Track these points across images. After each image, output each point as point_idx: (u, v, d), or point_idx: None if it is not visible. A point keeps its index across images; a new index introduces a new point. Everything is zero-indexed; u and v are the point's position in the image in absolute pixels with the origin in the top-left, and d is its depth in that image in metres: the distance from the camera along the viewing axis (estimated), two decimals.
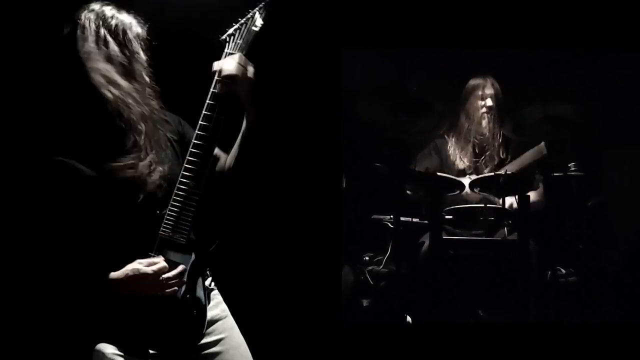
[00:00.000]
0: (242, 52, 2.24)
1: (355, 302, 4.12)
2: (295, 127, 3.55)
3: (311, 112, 3.63)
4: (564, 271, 4.09)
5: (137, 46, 2.27)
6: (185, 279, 2.19)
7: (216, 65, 2.23)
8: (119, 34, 2.23)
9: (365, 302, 4.13)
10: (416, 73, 4.61)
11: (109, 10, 2.25)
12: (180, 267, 2.17)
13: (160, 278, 2.13)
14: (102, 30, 2.20)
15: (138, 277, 2.11)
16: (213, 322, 2.30)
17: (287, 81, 3.44)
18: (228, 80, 2.20)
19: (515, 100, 4.32)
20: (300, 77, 3.57)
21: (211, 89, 2.22)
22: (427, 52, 4.48)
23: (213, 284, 2.38)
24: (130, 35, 2.26)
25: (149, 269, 2.12)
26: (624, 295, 4.10)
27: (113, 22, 2.23)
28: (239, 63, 2.21)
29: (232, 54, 2.24)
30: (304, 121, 3.61)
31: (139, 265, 2.13)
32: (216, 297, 2.38)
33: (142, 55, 2.29)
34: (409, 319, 3.86)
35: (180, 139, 2.36)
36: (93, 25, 2.20)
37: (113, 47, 2.21)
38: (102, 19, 2.22)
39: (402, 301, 3.95)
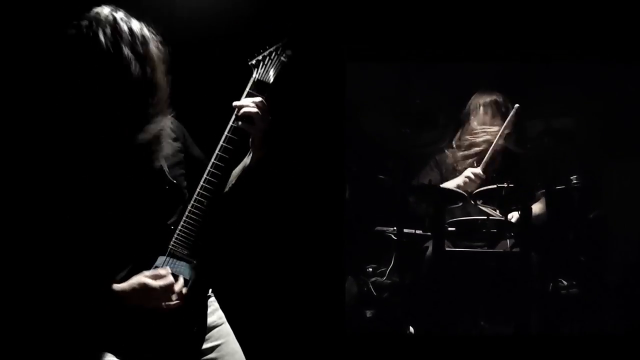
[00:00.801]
0: (270, 82, 2.26)
1: (358, 312, 4.13)
2: (299, 138, 3.55)
3: (315, 124, 3.64)
4: (565, 283, 4.08)
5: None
6: (187, 291, 2.18)
7: (237, 104, 2.26)
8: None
9: (368, 313, 4.14)
10: (420, 86, 4.61)
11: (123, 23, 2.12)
12: (182, 280, 2.16)
13: (166, 292, 2.11)
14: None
15: (144, 291, 2.09)
16: (210, 328, 2.29)
17: (291, 93, 3.32)
18: (245, 119, 2.23)
19: (517, 113, 4.30)
20: (305, 89, 3.56)
21: (231, 122, 2.25)
22: (431, 65, 4.48)
23: (210, 290, 2.36)
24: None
25: (156, 284, 2.09)
26: (625, 306, 4.11)
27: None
28: (259, 107, 2.23)
29: (260, 81, 2.26)
30: (308, 133, 3.61)
31: (146, 279, 2.10)
32: (213, 304, 2.36)
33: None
34: (411, 329, 3.87)
35: (184, 149, 2.36)
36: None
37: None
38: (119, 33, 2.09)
39: (405, 312, 3.96)
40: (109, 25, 2.07)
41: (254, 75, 2.29)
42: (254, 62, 2.30)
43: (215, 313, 2.33)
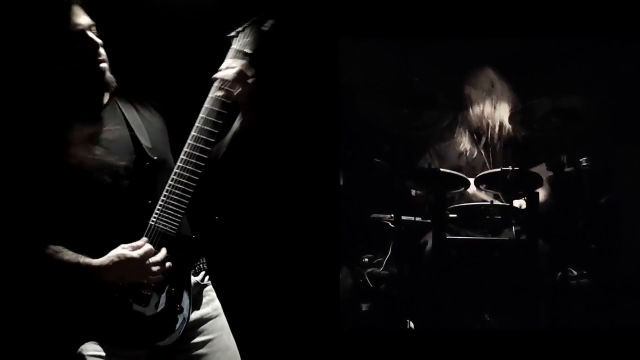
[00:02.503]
0: (250, 51, 2.30)
1: (354, 306, 4.10)
2: (290, 122, 3.50)
3: (307, 106, 3.60)
4: (575, 273, 4.03)
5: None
6: (168, 266, 2.19)
7: (219, 72, 2.31)
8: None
9: (364, 307, 4.10)
10: (418, 64, 4.48)
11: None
12: (164, 251, 2.18)
13: (146, 262, 2.13)
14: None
15: (123, 262, 2.11)
16: (203, 321, 2.28)
17: (281, 73, 3.35)
18: (226, 86, 2.26)
19: (522, 92, 4.30)
20: (296, 69, 3.53)
21: (210, 94, 2.28)
22: (430, 42, 4.38)
23: (207, 278, 2.35)
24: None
25: (135, 253, 2.12)
26: (639, 298, 4.03)
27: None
28: (240, 69, 2.27)
29: (238, 51, 2.30)
30: (300, 116, 3.57)
31: (123, 250, 2.12)
32: (209, 293, 2.35)
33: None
34: (411, 324, 3.83)
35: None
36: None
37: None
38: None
39: (404, 305, 3.93)
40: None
41: (232, 46, 2.33)
42: (233, 34, 2.34)
43: (210, 304, 2.33)
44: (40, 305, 2.27)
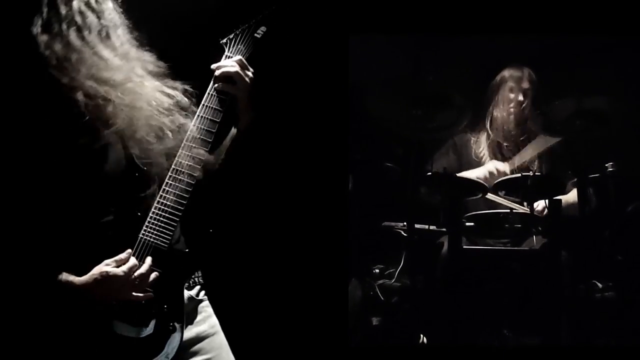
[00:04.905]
0: (242, 57, 2.37)
1: (363, 320, 4.03)
2: (296, 124, 3.49)
3: (315, 107, 3.58)
4: (600, 285, 3.92)
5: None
6: (154, 277, 2.16)
7: (214, 66, 2.35)
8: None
9: (375, 321, 4.03)
10: (432, 62, 4.50)
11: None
12: (148, 260, 2.14)
13: (132, 277, 2.08)
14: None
15: (107, 280, 2.06)
16: (199, 339, 2.27)
17: (287, 73, 3.39)
18: (225, 81, 2.31)
19: (545, 93, 4.22)
20: (303, 68, 3.52)
21: (208, 91, 2.32)
22: (445, 39, 4.40)
23: (203, 293, 2.34)
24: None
25: (119, 270, 2.07)
26: None
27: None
28: (238, 65, 2.32)
29: (230, 57, 2.38)
30: (307, 117, 3.54)
31: (106, 266, 2.07)
32: (206, 309, 2.34)
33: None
34: (424, 339, 3.77)
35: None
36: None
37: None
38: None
39: (417, 320, 3.87)
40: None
41: (225, 53, 2.40)
42: (224, 40, 2.41)
43: (207, 321, 2.31)
44: (24, 323, 2.15)
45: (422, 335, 3.75)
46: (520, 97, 4.23)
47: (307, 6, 3.33)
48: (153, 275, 2.13)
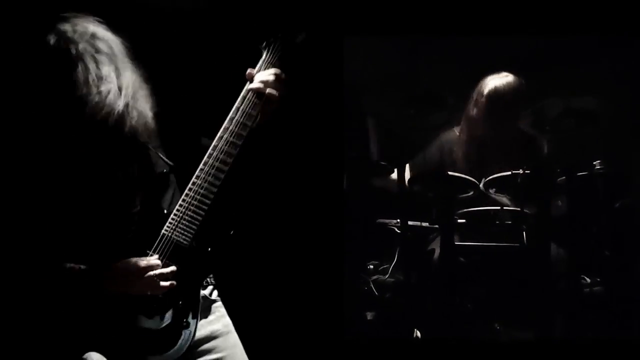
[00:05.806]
0: (279, 62, 2.35)
1: (358, 315, 4.04)
2: (292, 122, 3.32)
3: (310, 107, 3.55)
4: (588, 280, 3.96)
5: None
6: (171, 283, 2.18)
7: (251, 73, 2.32)
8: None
9: (369, 315, 4.05)
10: (425, 62, 4.50)
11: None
12: (172, 267, 2.16)
13: (151, 274, 2.11)
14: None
15: (127, 273, 2.11)
16: (212, 338, 2.27)
17: (282, 71, 3.27)
18: (260, 91, 2.27)
19: (534, 92, 4.21)
20: (299, 68, 3.30)
21: (242, 93, 2.29)
22: (438, 39, 4.35)
23: (216, 293, 2.35)
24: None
25: (139, 264, 2.12)
26: None
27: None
28: (276, 81, 2.30)
29: (270, 64, 2.35)
30: (302, 116, 3.50)
31: (128, 261, 2.12)
32: (219, 309, 2.34)
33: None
34: (417, 333, 3.81)
35: None
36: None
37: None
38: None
39: (411, 314, 3.89)
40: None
41: (262, 58, 2.35)
42: (263, 45, 2.37)
43: (220, 320, 2.32)
44: (44, 311, 2.21)
45: (415, 330, 3.77)
46: (507, 99, 4.12)
47: (303, 8, 3.22)
48: (172, 281, 2.15)
